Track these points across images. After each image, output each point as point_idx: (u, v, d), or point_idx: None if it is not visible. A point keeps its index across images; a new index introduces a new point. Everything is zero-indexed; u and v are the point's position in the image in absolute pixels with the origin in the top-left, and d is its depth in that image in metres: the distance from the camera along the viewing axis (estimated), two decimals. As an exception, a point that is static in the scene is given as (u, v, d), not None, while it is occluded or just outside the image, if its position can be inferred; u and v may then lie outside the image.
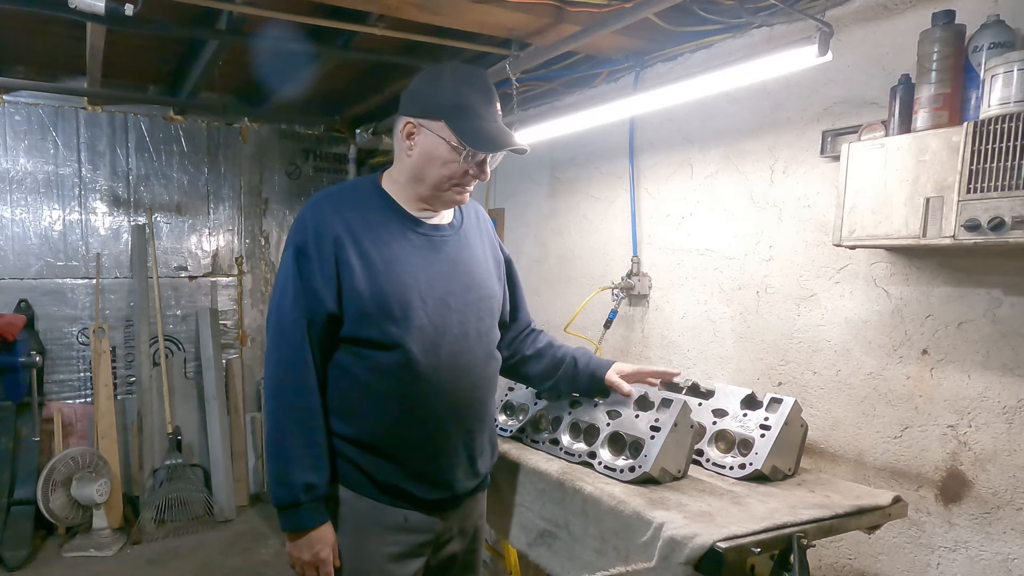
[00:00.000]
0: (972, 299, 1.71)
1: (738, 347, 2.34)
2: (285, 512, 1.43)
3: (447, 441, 1.52)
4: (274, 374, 1.44)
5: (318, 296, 1.41)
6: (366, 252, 1.44)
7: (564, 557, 1.66)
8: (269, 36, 2.75)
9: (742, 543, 1.32)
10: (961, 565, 1.74)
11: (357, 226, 1.45)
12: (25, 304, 3.84)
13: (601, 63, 2.78)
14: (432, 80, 1.46)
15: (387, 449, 1.47)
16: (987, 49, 1.51)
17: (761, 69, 1.84)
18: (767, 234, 2.22)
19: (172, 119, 4.16)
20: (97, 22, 2.29)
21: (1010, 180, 1.39)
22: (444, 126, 1.42)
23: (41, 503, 3.54)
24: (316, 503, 1.43)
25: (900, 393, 1.86)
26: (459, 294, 1.52)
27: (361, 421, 1.46)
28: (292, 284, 1.42)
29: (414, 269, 1.47)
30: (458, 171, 1.46)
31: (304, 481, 1.41)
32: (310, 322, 1.41)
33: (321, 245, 1.42)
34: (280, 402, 1.43)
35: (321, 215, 1.45)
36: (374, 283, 1.42)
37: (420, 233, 1.51)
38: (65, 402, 3.99)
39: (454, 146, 1.42)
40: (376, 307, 1.42)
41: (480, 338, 1.56)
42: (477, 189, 3.87)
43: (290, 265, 1.44)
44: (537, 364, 1.79)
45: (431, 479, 1.52)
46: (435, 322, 1.47)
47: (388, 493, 1.49)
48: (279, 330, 1.44)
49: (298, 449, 1.41)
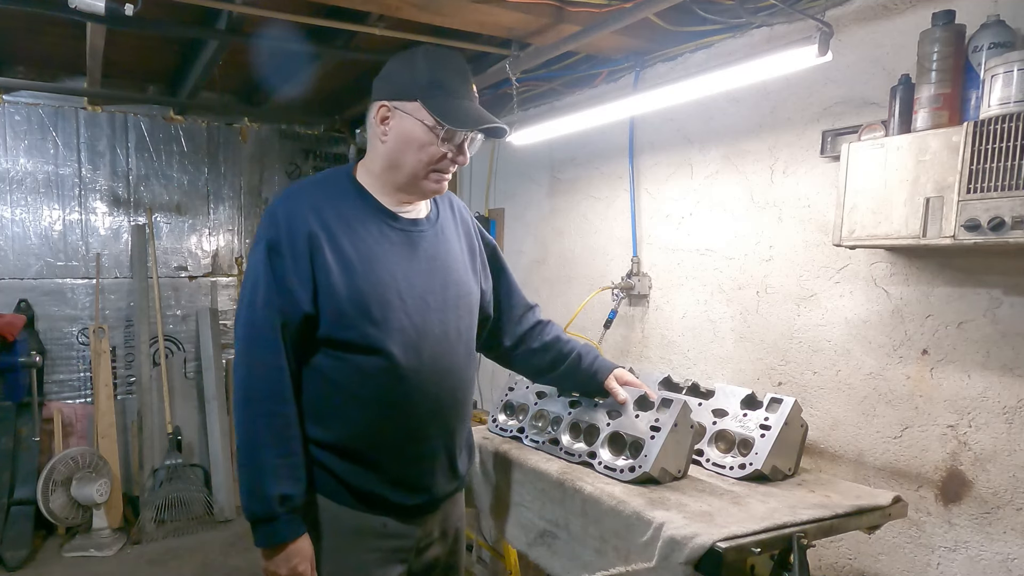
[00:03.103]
0: (972, 299, 1.71)
1: (738, 347, 2.34)
2: (260, 526, 1.35)
3: (428, 444, 1.47)
4: (246, 379, 1.36)
5: (293, 296, 1.34)
6: (342, 249, 1.37)
7: (564, 557, 1.66)
8: (269, 36, 2.75)
9: (742, 543, 1.32)
10: (961, 565, 1.74)
11: (332, 222, 1.38)
12: (25, 304, 3.84)
13: (601, 63, 2.78)
14: (405, 62, 1.39)
15: (367, 454, 1.42)
16: (987, 49, 1.51)
17: (761, 69, 1.84)
18: (767, 234, 2.22)
19: (172, 119, 4.15)
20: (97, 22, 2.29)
21: (1010, 180, 1.39)
22: (419, 106, 1.36)
23: (41, 503, 3.54)
24: (293, 515, 1.36)
25: (900, 393, 1.86)
26: (438, 292, 1.47)
27: (339, 426, 1.40)
28: (264, 283, 1.34)
29: (392, 267, 1.41)
30: (436, 154, 1.38)
31: (280, 493, 1.33)
32: (284, 324, 1.34)
33: (295, 242, 1.35)
34: (253, 410, 1.35)
35: (294, 210, 1.37)
36: (351, 282, 1.36)
37: (397, 228, 1.45)
38: (65, 402, 3.99)
39: (430, 127, 1.36)
40: (354, 308, 1.35)
41: (460, 337, 1.51)
42: (478, 190, 3.87)
43: (261, 263, 1.35)
44: (542, 357, 1.74)
45: (411, 484, 1.47)
46: (416, 323, 1.41)
47: (366, 500, 1.43)
48: (251, 332, 1.36)
49: (273, 460, 1.33)
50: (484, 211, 3.78)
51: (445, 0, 2.13)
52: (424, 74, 1.36)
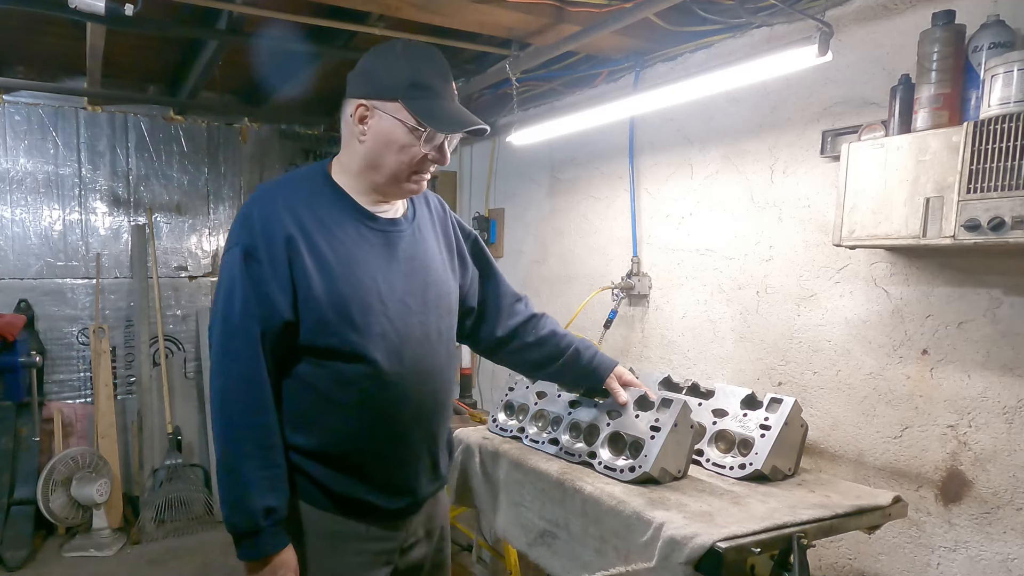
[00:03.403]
0: (972, 299, 1.71)
1: (738, 347, 2.34)
2: (244, 540, 1.31)
3: (411, 448, 1.46)
4: (223, 390, 1.32)
5: (272, 303, 1.29)
6: (321, 253, 1.32)
7: (564, 557, 1.66)
8: (269, 36, 2.75)
9: (742, 543, 1.33)
10: (961, 565, 1.74)
11: (309, 223, 1.33)
12: (25, 304, 3.84)
13: (601, 63, 2.78)
14: (384, 58, 1.34)
15: (348, 460, 1.40)
16: (987, 49, 1.51)
17: (761, 69, 1.84)
18: (767, 234, 2.22)
19: (172, 119, 4.15)
20: (97, 22, 2.30)
21: (1010, 180, 1.39)
22: (400, 107, 1.31)
23: (41, 503, 3.54)
24: (276, 527, 1.32)
25: (900, 393, 1.86)
26: (418, 294, 1.44)
27: (320, 433, 1.38)
28: (241, 290, 1.29)
29: (372, 270, 1.37)
30: (417, 155, 1.35)
31: (263, 505, 1.29)
32: (263, 332, 1.30)
33: (272, 246, 1.30)
34: (233, 420, 1.31)
35: (269, 212, 1.32)
36: (332, 287, 1.32)
37: (375, 229, 1.41)
38: (65, 402, 3.99)
39: (412, 128, 1.32)
40: (335, 313, 1.32)
41: (441, 338, 1.49)
42: (478, 190, 3.87)
43: (237, 268, 1.30)
44: (539, 351, 1.70)
45: (394, 488, 1.45)
46: (397, 326, 1.38)
47: (347, 506, 1.41)
48: (227, 341, 1.31)
49: (255, 472, 1.30)
50: (484, 211, 3.77)
51: (445, 0, 2.14)
52: (404, 73, 1.32)
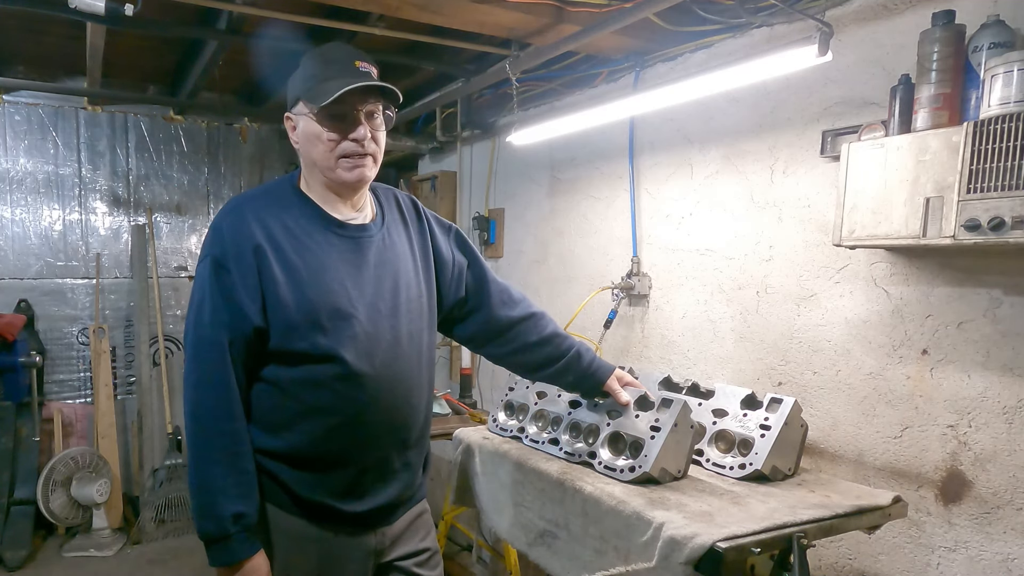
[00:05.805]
0: (972, 299, 1.71)
1: (738, 347, 2.34)
2: (214, 546, 1.34)
3: (379, 451, 1.47)
4: (194, 397, 1.36)
5: (242, 311, 1.33)
6: (289, 261, 1.36)
7: (564, 557, 1.66)
8: (269, 36, 2.76)
9: (742, 543, 1.33)
10: (961, 565, 1.74)
11: (278, 233, 1.38)
12: (25, 304, 3.84)
13: (601, 63, 2.78)
14: (294, 72, 1.44)
15: (317, 463, 1.41)
16: (987, 49, 1.51)
17: (761, 69, 1.84)
18: (767, 234, 2.22)
19: (172, 119, 4.16)
20: (97, 22, 2.30)
21: (1010, 180, 1.39)
22: (303, 104, 1.39)
23: (41, 503, 3.54)
24: (247, 533, 1.34)
25: (900, 393, 1.86)
26: (388, 297, 1.46)
27: (290, 435, 1.40)
28: (211, 300, 1.34)
29: (340, 275, 1.40)
30: (335, 140, 1.38)
31: (232, 511, 1.32)
32: (232, 340, 1.34)
33: (241, 256, 1.34)
34: (202, 427, 1.35)
35: (238, 223, 1.37)
36: (299, 293, 1.35)
37: (343, 236, 1.44)
38: (65, 402, 3.99)
39: (315, 115, 1.38)
40: (303, 318, 1.35)
41: (412, 341, 1.50)
42: (478, 190, 3.87)
43: (207, 279, 1.35)
44: (539, 351, 1.70)
45: (359, 493, 1.45)
46: (367, 329, 1.41)
47: (311, 510, 1.43)
48: (198, 349, 1.35)
49: (224, 478, 1.33)
50: (484, 211, 3.77)
51: (445, 0, 2.14)
52: (302, 74, 1.41)
